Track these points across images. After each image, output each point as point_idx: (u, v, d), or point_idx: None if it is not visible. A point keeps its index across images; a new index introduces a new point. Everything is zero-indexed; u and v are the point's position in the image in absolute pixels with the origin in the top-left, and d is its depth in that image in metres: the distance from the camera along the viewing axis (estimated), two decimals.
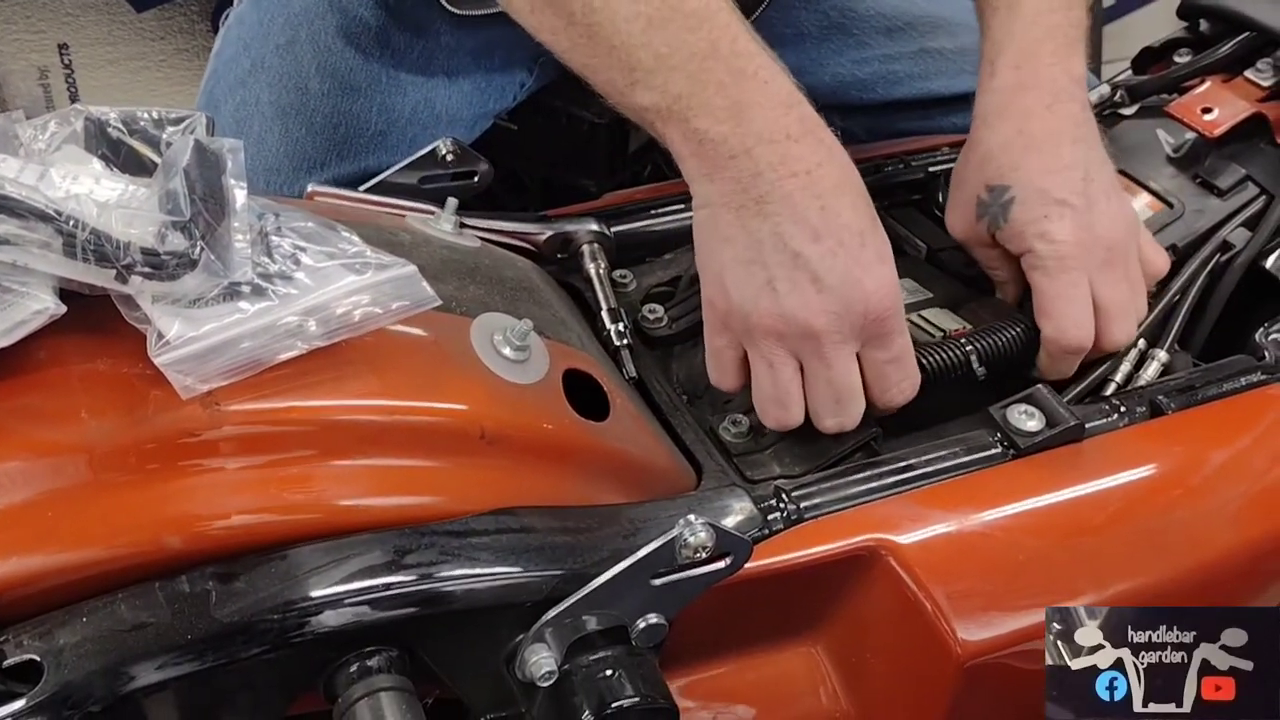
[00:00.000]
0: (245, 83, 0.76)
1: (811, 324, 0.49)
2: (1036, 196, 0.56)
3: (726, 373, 0.54)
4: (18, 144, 0.41)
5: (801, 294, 0.49)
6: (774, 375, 0.51)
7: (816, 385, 0.51)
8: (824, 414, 0.52)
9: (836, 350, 0.50)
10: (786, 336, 0.50)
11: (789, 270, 0.49)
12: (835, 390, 0.51)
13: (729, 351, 0.53)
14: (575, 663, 0.43)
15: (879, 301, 0.50)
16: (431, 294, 0.43)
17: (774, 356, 0.51)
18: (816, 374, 0.51)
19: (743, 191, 0.49)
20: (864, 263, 0.50)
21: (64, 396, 0.40)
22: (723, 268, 0.51)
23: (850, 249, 0.49)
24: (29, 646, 0.36)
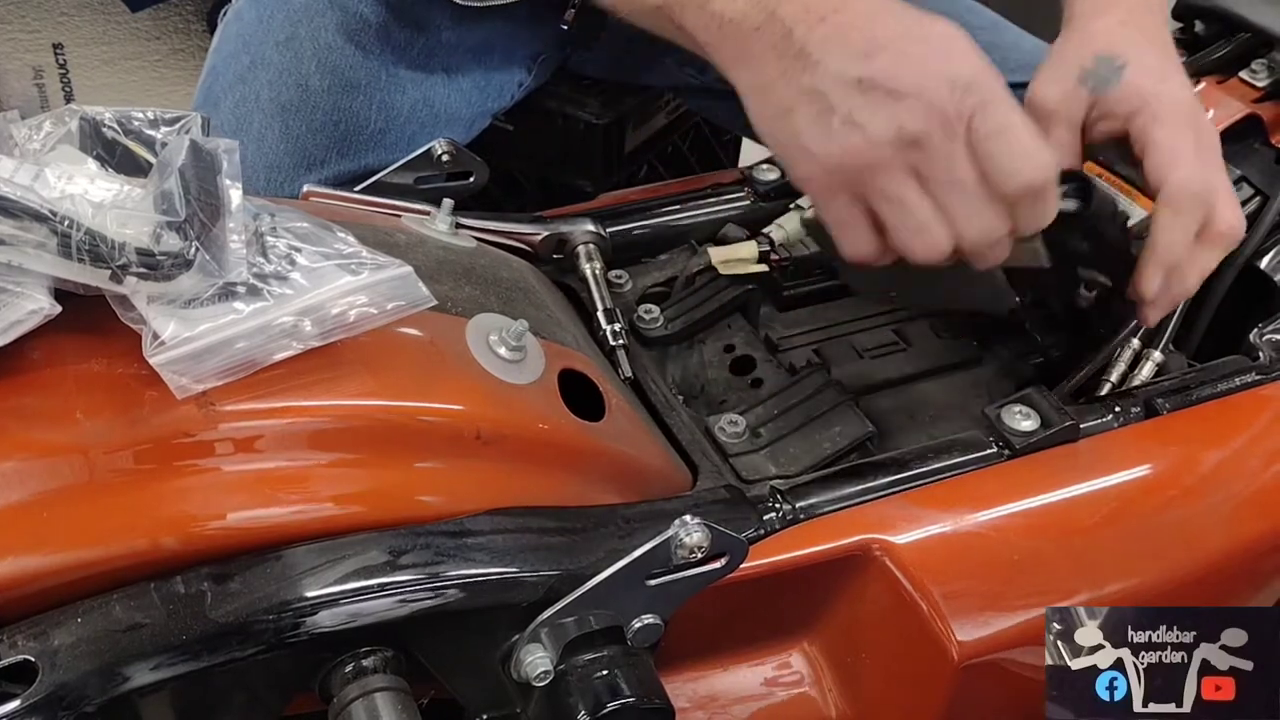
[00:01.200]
0: (245, 79, 0.76)
1: (906, 129, 0.46)
2: (1154, 65, 0.54)
3: (861, 237, 0.49)
4: (12, 144, 0.41)
5: (883, 111, 0.46)
6: (902, 206, 0.47)
7: (949, 200, 0.47)
8: (959, 218, 0.47)
9: (950, 148, 0.46)
10: (893, 161, 0.46)
11: (859, 98, 0.46)
12: (968, 197, 0.46)
13: (852, 212, 0.49)
14: (571, 663, 0.43)
15: (962, 67, 0.46)
16: (427, 294, 0.43)
17: (893, 189, 0.47)
18: (941, 182, 0.46)
19: (780, 56, 0.47)
20: (927, 52, 0.47)
21: (59, 397, 0.40)
22: (797, 135, 0.48)
23: (909, 49, 0.47)
24: (23, 647, 0.36)
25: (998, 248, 0.50)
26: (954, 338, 0.65)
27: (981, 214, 0.47)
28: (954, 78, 0.46)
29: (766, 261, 0.66)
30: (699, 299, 0.64)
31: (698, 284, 0.66)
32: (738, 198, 0.71)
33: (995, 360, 0.64)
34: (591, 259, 0.63)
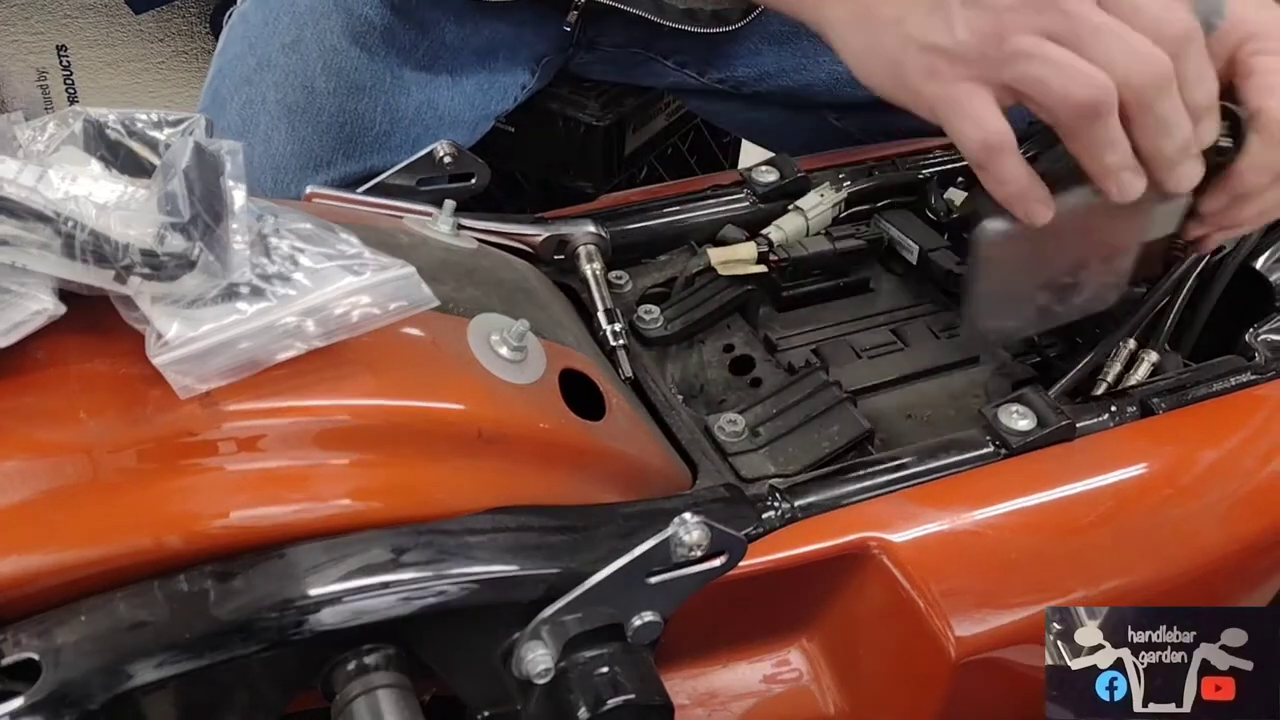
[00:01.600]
0: (251, 80, 0.76)
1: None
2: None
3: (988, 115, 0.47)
4: (16, 145, 0.41)
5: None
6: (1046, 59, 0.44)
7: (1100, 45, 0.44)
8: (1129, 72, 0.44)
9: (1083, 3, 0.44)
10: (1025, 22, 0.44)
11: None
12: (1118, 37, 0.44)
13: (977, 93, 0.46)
14: (571, 660, 0.44)
15: None
16: (429, 295, 0.43)
17: (1027, 46, 0.45)
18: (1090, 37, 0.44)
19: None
20: None
21: (63, 397, 0.40)
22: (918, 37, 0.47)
23: None
24: (27, 645, 0.36)
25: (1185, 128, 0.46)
26: (951, 338, 0.65)
27: (1141, 52, 0.44)
28: None
29: (765, 262, 0.67)
30: (698, 299, 0.65)
31: (697, 284, 0.66)
32: (737, 199, 0.71)
33: (992, 360, 0.64)
34: (592, 260, 0.63)
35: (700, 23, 0.80)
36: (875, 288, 0.70)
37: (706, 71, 0.87)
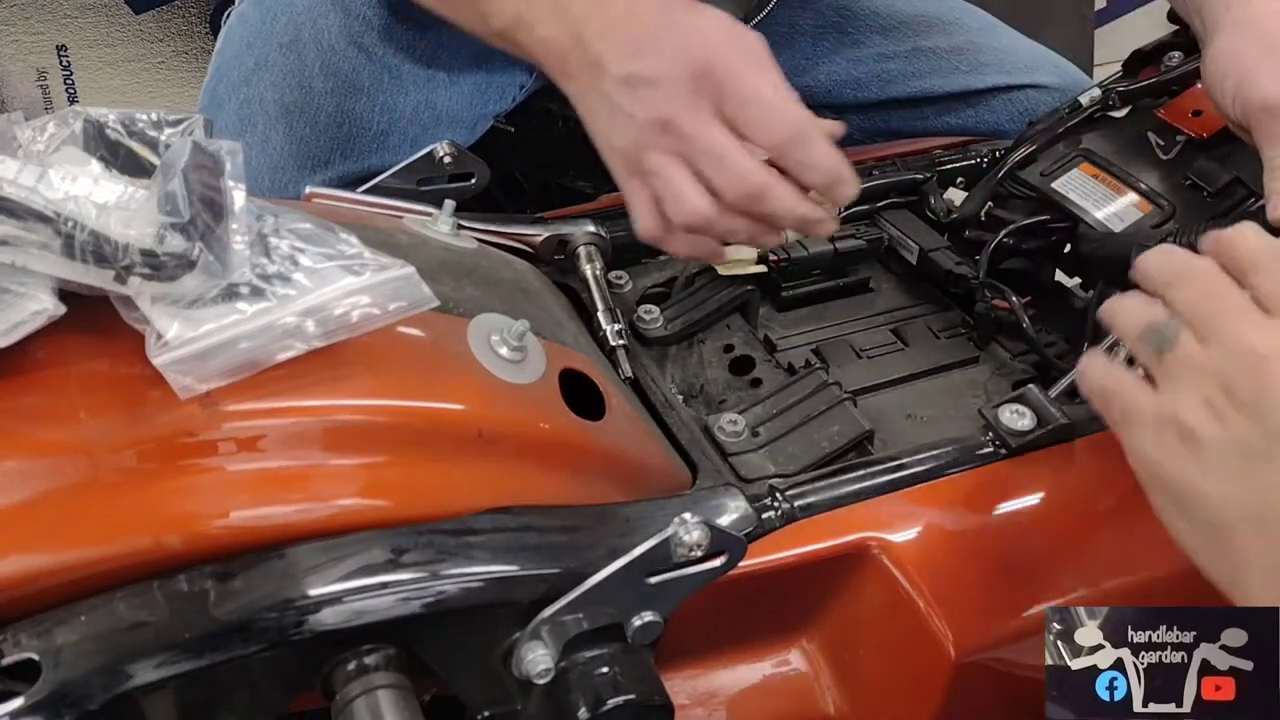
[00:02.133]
0: (249, 80, 0.76)
1: (659, 115, 0.53)
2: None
3: (645, 213, 0.56)
4: (16, 145, 0.42)
5: (642, 99, 0.53)
6: (664, 180, 0.54)
7: (704, 166, 0.53)
8: (719, 180, 0.53)
9: (695, 123, 0.52)
10: (654, 141, 0.53)
11: (627, 91, 0.54)
12: (712, 152, 0.53)
13: (641, 191, 0.56)
14: (571, 660, 0.44)
15: (700, 54, 0.52)
16: (429, 295, 0.43)
17: (656, 165, 0.54)
18: (696, 155, 0.53)
19: (585, 68, 0.55)
20: (673, 42, 0.53)
21: (63, 397, 0.40)
22: (601, 131, 0.56)
23: (660, 42, 0.53)
24: (27, 645, 0.36)
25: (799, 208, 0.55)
26: (951, 338, 0.65)
27: (736, 167, 0.53)
28: (694, 62, 0.52)
29: (765, 262, 0.67)
30: (698, 299, 0.65)
31: (697, 284, 0.66)
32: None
33: (992, 360, 0.65)
34: (592, 260, 0.63)
35: None
36: (875, 288, 0.70)
37: None
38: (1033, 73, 0.87)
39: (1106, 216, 0.64)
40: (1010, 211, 0.68)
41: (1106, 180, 0.66)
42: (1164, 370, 0.42)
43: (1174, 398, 0.41)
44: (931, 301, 0.69)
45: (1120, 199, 0.65)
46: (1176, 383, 0.41)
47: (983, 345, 0.65)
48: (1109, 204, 0.65)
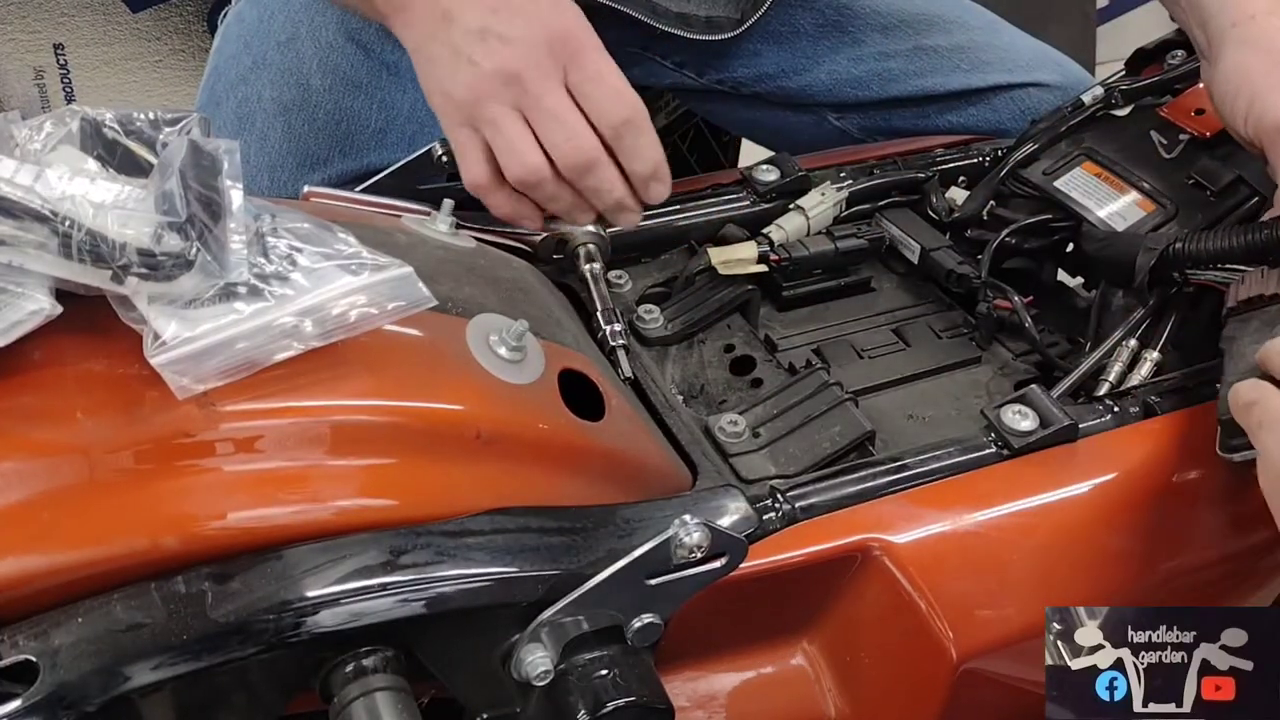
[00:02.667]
0: (247, 79, 0.76)
1: (507, 68, 0.54)
2: None
3: (474, 161, 0.57)
4: (13, 144, 0.41)
5: (494, 52, 0.55)
6: (502, 132, 0.55)
7: (543, 126, 0.55)
8: (555, 143, 0.55)
9: (543, 84, 0.54)
10: (497, 92, 0.55)
11: (480, 44, 0.55)
12: (554, 115, 0.55)
13: (470, 141, 0.57)
14: (571, 662, 0.44)
15: (559, 24, 0.55)
16: (427, 295, 0.43)
17: (495, 115, 0.55)
18: (538, 116, 0.55)
19: (431, 18, 0.56)
20: (536, 9, 0.55)
21: (60, 397, 0.40)
22: (438, 77, 0.57)
23: (524, 6, 0.55)
24: (24, 647, 0.36)
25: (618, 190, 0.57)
26: (953, 338, 0.65)
27: (572, 137, 0.55)
28: (557, 27, 0.55)
29: (766, 262, 0.66)
30: (699, 299, 0.65)
31: (697, 284, 0.66)
32: (737, 198, 0.71)
33: (994, 360, 0.64)
34: (591, 259, 0.63)
35: (694, 28, 0.80)
36: (876, 287, 0.70)
37: (705, 72, 0.87)
38: (1035, 71, 0.87)
39: (1109, 215, 0.64)
40: (1012, 210, 0.68)
41: (1109, 179, 0.66)
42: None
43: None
44: (933, 301, 0.68)
45: (1123, 198, 0.65)
46: None
47: (985, 345, 0.65)
48: (1111, 203, 0.65)
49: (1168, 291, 0.60)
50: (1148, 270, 0.59)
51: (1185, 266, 0.59)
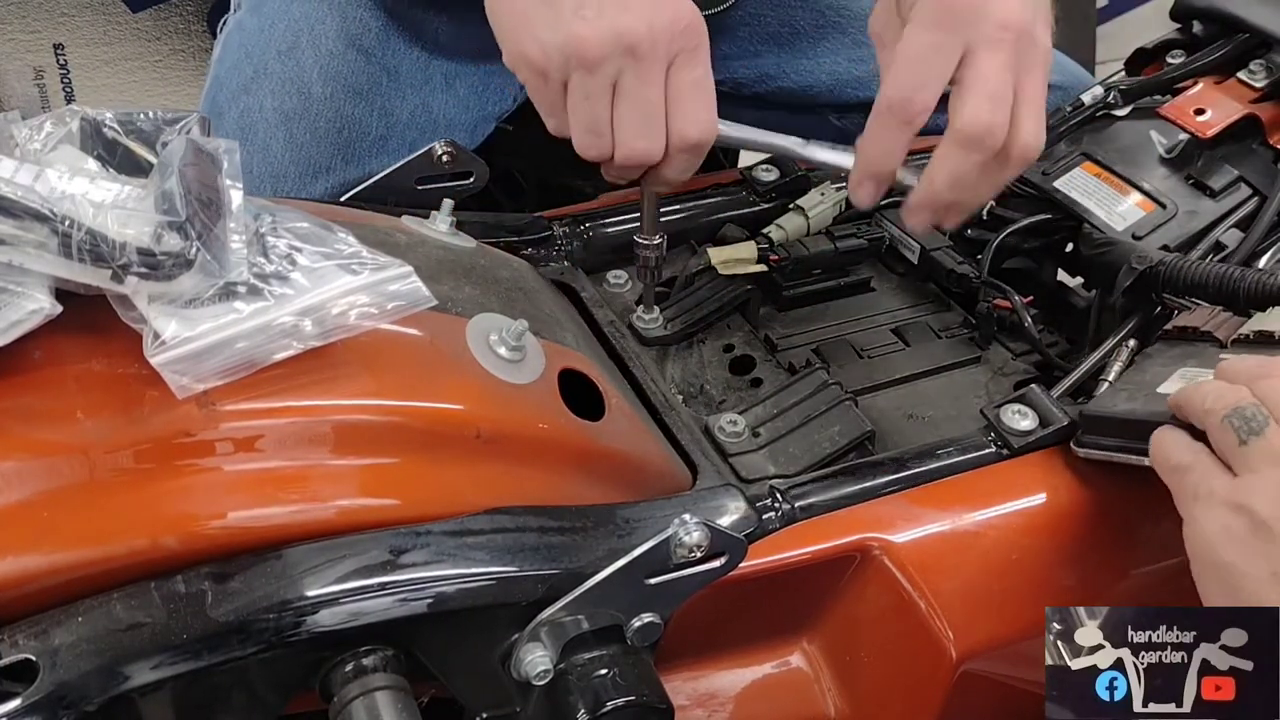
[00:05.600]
0: (248, 89, 0.76)
1: (627, 36, 0.50)
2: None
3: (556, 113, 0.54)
4: (13, 144, 0.41)
5: (610, 14, 0.50)
6: (590, 104, 0.52)
7: (627, 105, 0.51)
8: (634, 135, 0.52)
9: (650, 66, 0.51)
10: (601, 60, 0.50)
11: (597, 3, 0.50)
12: (644, 108, 0.51)
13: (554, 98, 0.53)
14: (571, 662, 0.44)
15: (683, 9, 0.51)
16: (427, 294, 0.43)
17: (590, 85, 0.51)
18: (629, 93, 0.51)
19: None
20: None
21: (60, 396, 0.40)
22: (529, 19, 0.52)
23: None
24: (24, 646, 0.36)
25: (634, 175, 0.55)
26: (952, 338, 0.65)
27: (646, 138, 0.52)
28: (678, 15, 0.51)
29: (766, 261, 0.66)
30: (698, 299, 0.65)
31: (697, 284, 0.66)
32: (738, 198, 0.71)
33: (994, 360, 0.64)
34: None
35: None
36: (876, 287, 0.70)
37: None
38: None
39: (1109, 216, 0.64)
40: (1012, 210, 0.68)
41: (1109, 179, 0.66)
42: (1245, 457, 0.42)
43: (1252, 486, 0.41)
44: (933, 301, 0.68)
45: (1122, 198, 0.65)
46: (1258, 473, 0.42)
47: (984, 345, 0.65)
48: (1111, 203, 0.65)
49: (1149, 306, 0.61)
50: (1124, 287, 0.59)
51: (1163, 290, 0.59)
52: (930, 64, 0.51)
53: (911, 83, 0.51)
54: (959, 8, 0.50)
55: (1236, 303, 0.56)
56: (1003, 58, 0.51)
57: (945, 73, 0.51)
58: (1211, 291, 0.57)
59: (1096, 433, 0.52)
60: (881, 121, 0.53)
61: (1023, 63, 0.51)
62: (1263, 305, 0.55)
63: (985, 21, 0.50)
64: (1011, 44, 0.51)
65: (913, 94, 0.52)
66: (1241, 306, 0.55)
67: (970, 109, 0.51)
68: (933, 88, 0.51)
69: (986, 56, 0.51)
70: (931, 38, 0.51)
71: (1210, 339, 0.54)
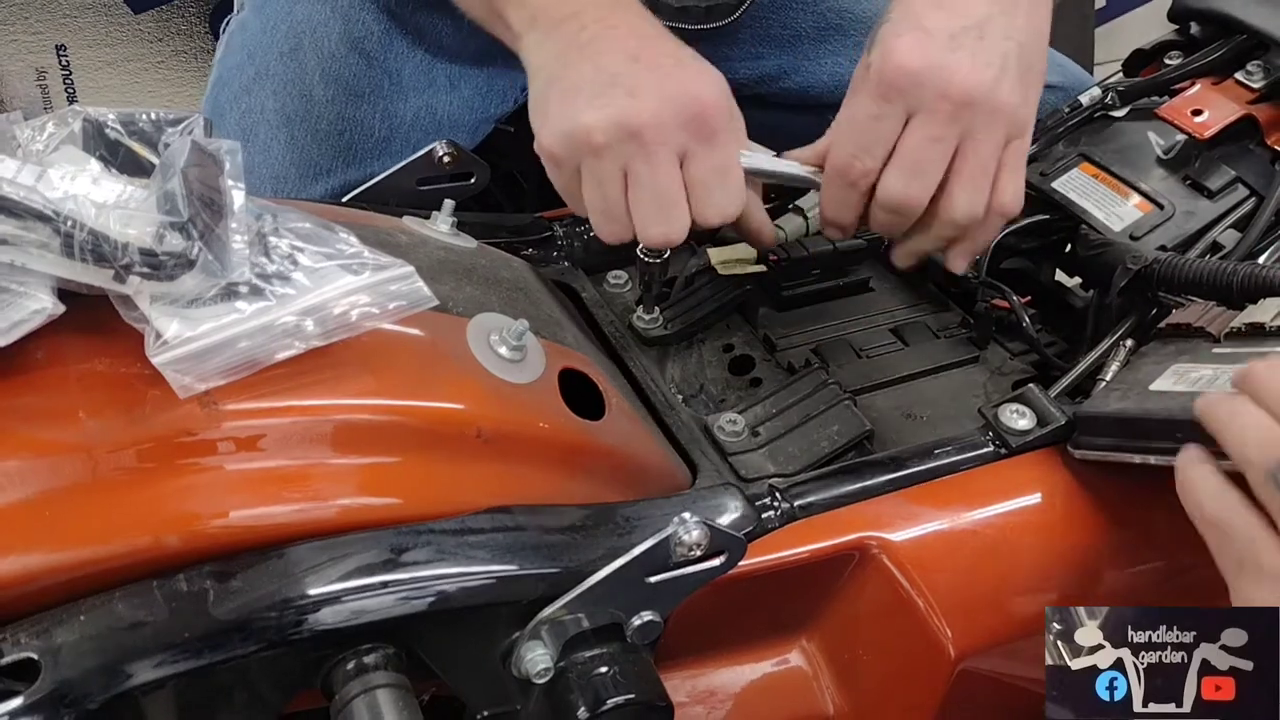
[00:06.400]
0: (250, 90, 0.76)
1: (630, 123, 0.50)
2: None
3: (574, 199, 0.55)
4: (16, 145, 0.41)
5: (619, 103, 0.51)
6: (602, 190, 0.52)
7: (640, 191, 0.52)
8: (649, 222, 0.52)
9: (658, 151, 0.51)
10: (610, 145, 0.51)
11: (607, 88, 0.51)
12: (658, 195, 0.51)
13: (572, 185, 0.54)
14: (571, 660, 0.44)
15: (700, 95, 0.51)
16: (429, 294, 0.43)
17: (600, 171, 0.52)
18: (640, 179, 0.51)
19: (570, 44, 0.53)
20: (683, 72, 0.52)
21: (62, 396, 0.40)
22: (549, 105, 0.53)
23: (668, 65, 0.52)
24: (27, 644, 0.36)
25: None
26: (951, 337, 0.65)
27: (663, 224, 0.52)
28: (690, 102, 0.51)
29: (765, 261, 0.67)
30: (698, 299, 0.65)
31: (697, 284, 0.66)
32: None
33: (992, 359, 0.65)
34: None
35: (693, 18, 0.80)
36: (875, 287, 0.70)
37: None
38: None
39: (1106, 217, 0.64)
40: None
41: (1106, 180, 0.66)
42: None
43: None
44: (931, 301, 0.69)
45: (1120, 199, 0.65)
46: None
47: (982, 345, 0.65)
48: (1109, 204, 0.65)
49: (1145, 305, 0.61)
50: (1120, 287, 0.59)
51: (1158, 288, 0.59)
52: (867, 132, 0.52)
53: (850, 150, 0.53)
54: (899, 79, 0.51)
55: (1230, 297, 0.56)
56: (934, 130, 0.51)
57: (887, 141, 0.52)
58: (1206, 287, 0.57)
59: (1092, 433, 0.52)
60: (829, 183, 0.55)
61: (967, 130, 0.51)
62: (1256, 297, 0.55)
63: (925, 91, 0.51)
64: (948, 115, 0.51)
65: (851, 161, 0.53)
66: (1235, 300, 0.56)
67: (887, 180, 0.52)
68: (874, 153, 0.53)
69: (916, 127, 0.51)
70: (875, 109, 0.52)
71: (1203, 334, 0.54)
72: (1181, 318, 0.56)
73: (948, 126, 0.51)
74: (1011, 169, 0.54)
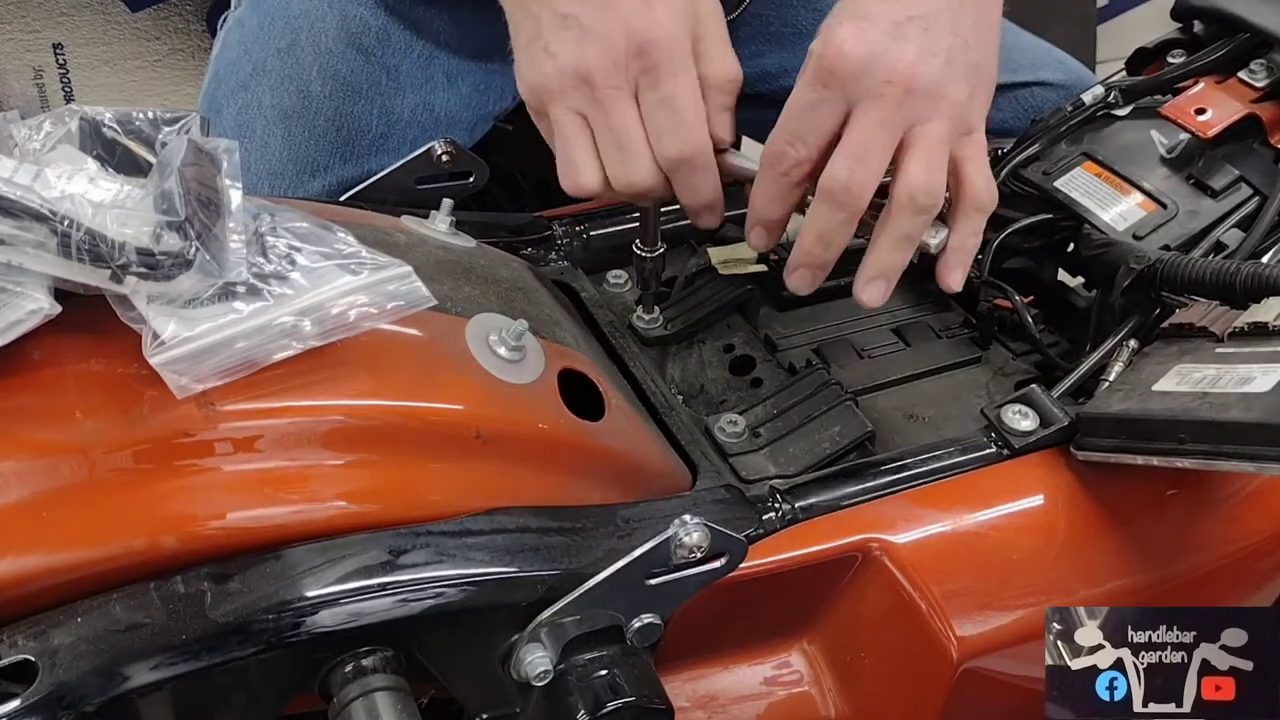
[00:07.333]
0: (247, 86, 0.76)
1: (580, 68, 0.50)
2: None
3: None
4: (12, 144, 0.41)
5: (572, 46, 0.51)
6: (563, 138, 0.52)
7: (600, 136, 0.52)
8: (610, 164, 0.52)
9: (611, 94, 0.51)
10: (566, 92, 0.51)
11: (559, 30, 0.51)
12: (616, 137, 0.51)
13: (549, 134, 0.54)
14: (570, 662, 0.44)
15: (643, 32, 0.50)
16: (427, 294, 0.43)
17: (561, 118, 0.52)
18: (598, 125, 0.51)
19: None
20: (628, 7, 0.50)
21: (59, 396, 0.40)
22: (518, 56, 0.53)
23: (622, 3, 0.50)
24: (24, 646, 0.36)
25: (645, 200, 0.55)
26: (953, 337, 0.65)
27: (624, 164, 0.51)
28: (638, 33, 0.50)
29: (766, 261, 0.66)
30: (698, 299, 0.65)
31: (697, 284, 0.66)
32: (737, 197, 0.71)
33: (994, 360, 0.64)
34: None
35: None
36: None
37: None
38: (1038, 70, 0.87)
39: (1109, 216, 0.64)
40: (1013, 210, 0.68)
41: (1109, 179, 0.66)
42: None
43: None
44: (933, 301, 0.68)
45: (1123, 198, 0.65)
46: None
47: (985, 345, 0.65)
48: (1112, 203, 0.65)
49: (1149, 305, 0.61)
50: (1123, 286, 0.59)
51: (1162, 288, 0.59)
52: (804, 120, 0.51)
53: (784, 138, 0.52)
54: (838, 65, 0.50)
55: (1234, 296, 0.56)
56: (878, 114, 0.49)
57: (823, 129, 0.51)
58: (1209, 287, 0.57)
59: (1094, 434, 0.52)
60: (763, 173, 0.54)
61: (913, 117, 0.50)
62: (1260, 297, 0.55)
63: (868, 78, 0.49)
64: (894, 100, 0.49)
65: (785, 148, 0.52)
66: (1239, 300, 0.55)
67: (830, 167, 0.51)
68: (809, 143, 0.51)
69: (860, 114, 0.50)
70: (811, 95, 0.51)
71: (1206, 334, 0.54)
72: (1185, 317, 0.56)
73: (894, 112, 0.49)
74: (973, 161, 0.52)
